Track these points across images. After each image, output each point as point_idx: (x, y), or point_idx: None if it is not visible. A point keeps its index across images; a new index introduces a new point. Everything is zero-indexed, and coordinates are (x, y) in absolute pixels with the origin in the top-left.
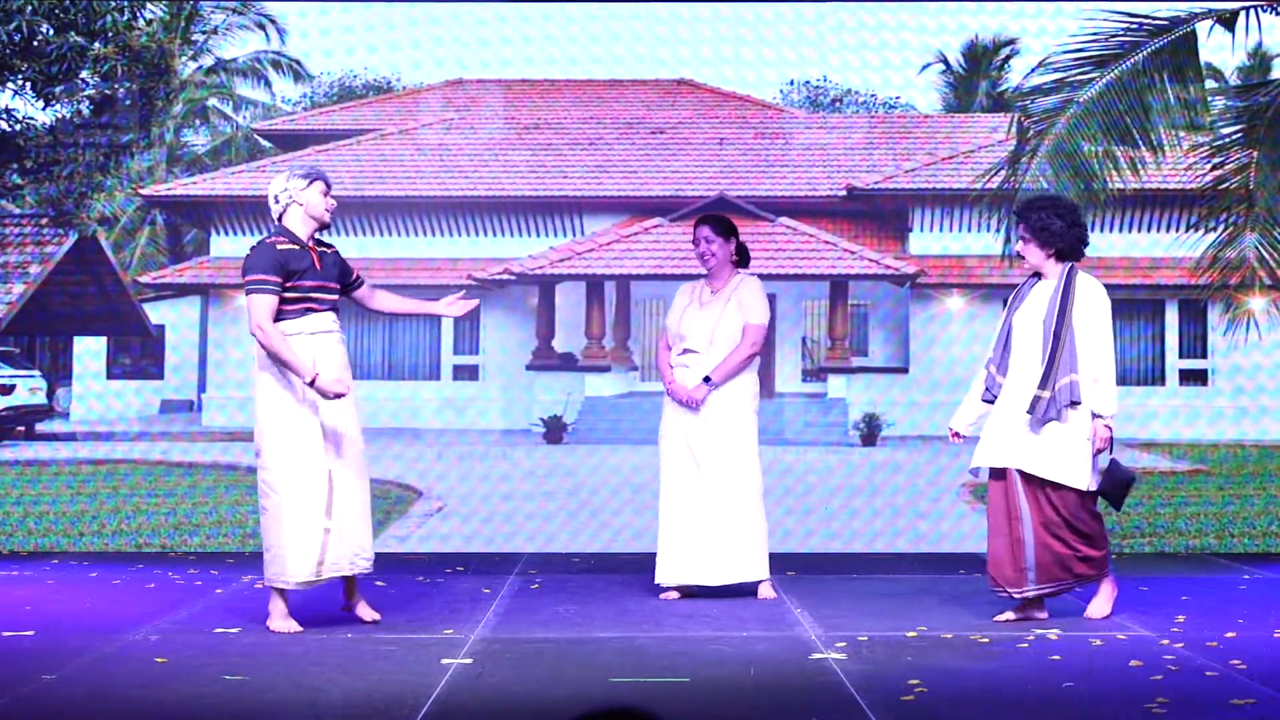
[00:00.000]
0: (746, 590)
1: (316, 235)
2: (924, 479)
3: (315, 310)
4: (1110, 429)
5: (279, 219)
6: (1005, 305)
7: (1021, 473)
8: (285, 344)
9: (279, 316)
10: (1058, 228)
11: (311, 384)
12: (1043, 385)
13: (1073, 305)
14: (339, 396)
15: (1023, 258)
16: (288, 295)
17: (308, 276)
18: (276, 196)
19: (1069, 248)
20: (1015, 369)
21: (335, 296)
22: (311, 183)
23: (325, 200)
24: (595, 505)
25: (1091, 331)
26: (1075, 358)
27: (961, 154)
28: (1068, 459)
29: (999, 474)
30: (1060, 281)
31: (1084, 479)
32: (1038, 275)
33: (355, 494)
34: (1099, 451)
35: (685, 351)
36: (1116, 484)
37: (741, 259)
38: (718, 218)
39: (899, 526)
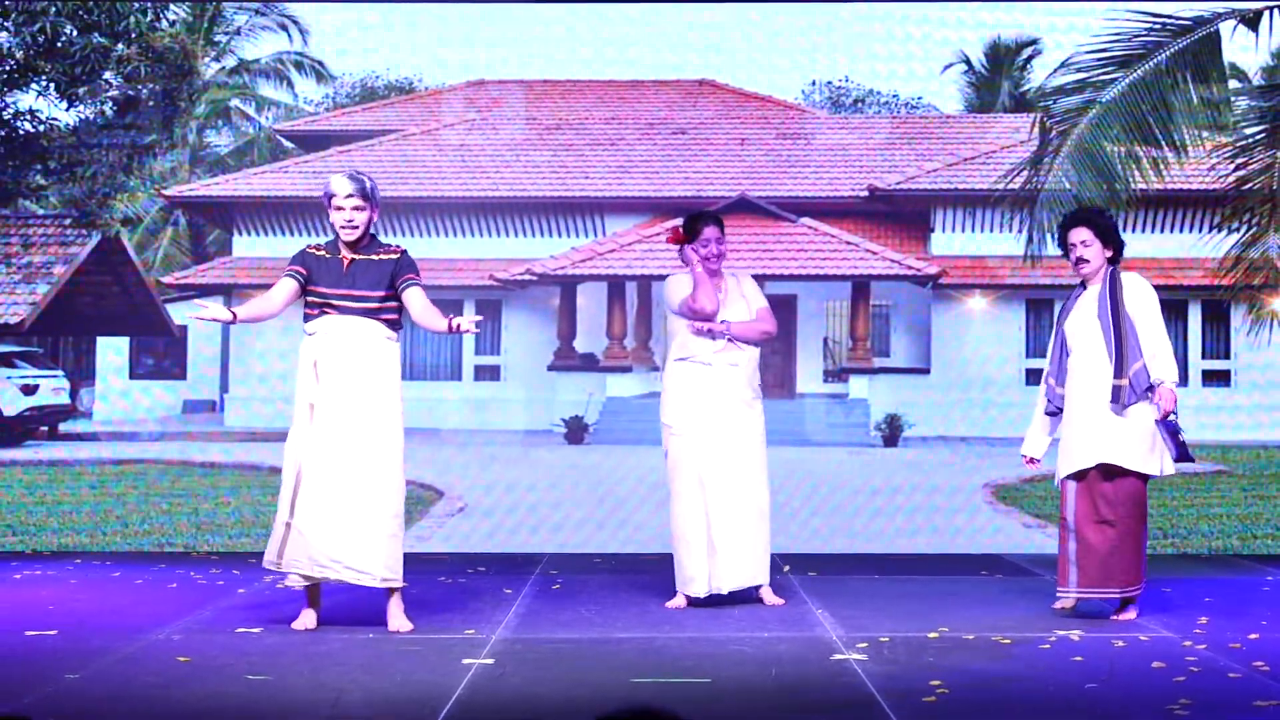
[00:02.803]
0: (754, 596)
1: (367, 240)
2: (946, 479)
3: (332, 314)
4: (1174, 394)
5: None
6: (1055, 320)
7: (1103, 468)
8: (249, 303)
9: (306, 317)
10: (1115, 227)
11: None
12: (1119, 375)
13: (1123, 297)
14: (216, 321)
15: (1084, 260)
16: (309, 297)
17: (327, 283)
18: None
19: (1119, 251)
20: (1076, 373)
21: (368, 305)
22: (328, 205)
23: (339, 217)
24: (616, 505)
25: (1144, 317)
26: (1139, 345)
27: (983, 154)
28: (1139, 444)
29: (1080, 475)
30: (1105, 282)
31: (1152, 463)
32: (1083, 285)
33: (331, 499)
34: (1169, 414)
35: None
36: (1180, 446)
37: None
38: (719, 217)
39: (920, 526)
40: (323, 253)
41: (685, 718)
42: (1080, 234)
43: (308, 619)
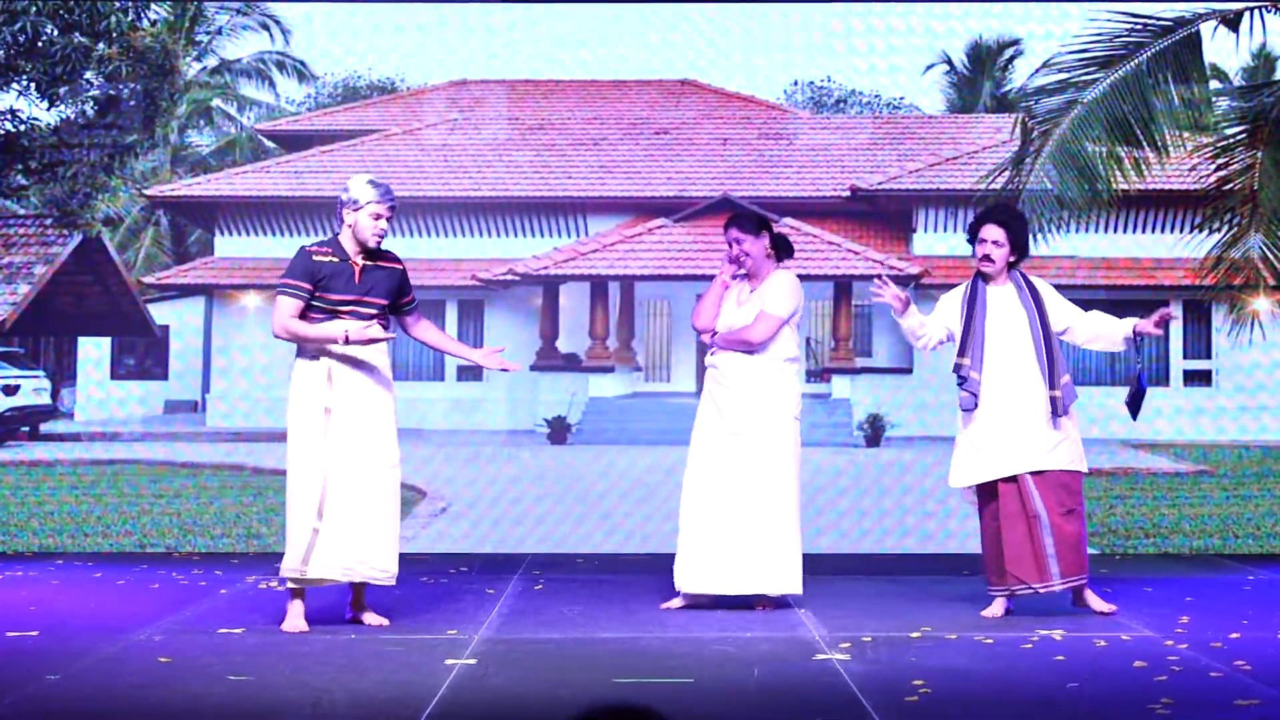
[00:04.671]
0: (746, 600)
1: (372, 248)
2: (929, 480)
3: (345, 319)
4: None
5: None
6: (965, 307)
7: (1034, 471)
8: (305, 327)
9: (308, 321)
10: (1027, 237)
11: (348, 340)
12: (1051, 386)
13: (1046, 307)
14: (373, 342)
15: (989, 259)
16: (315, 304)
17: (338, 290)
18: (341, 201)
19: (1022, 258)
20: (1000, 376)
21: (374, 312)
22: (360, 208)
23: (374, 225)
24: (600, 506)
25: (1060, 311)
26: (1063, 357)
27: (965, 155)
28: (1076, 448)
29: (1008, 480)
30: (1022, 287)
31: (1085, 463)
32: (982, 279)
33: (358, 502)
34: (1166, 319)
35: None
36: (1136, 396)
37: (781, 251)
38: (744, 214)
39: (903, 526)
40: (329, 257)
41: (668, 718)
42: (994, 233)
43: (299, 621)
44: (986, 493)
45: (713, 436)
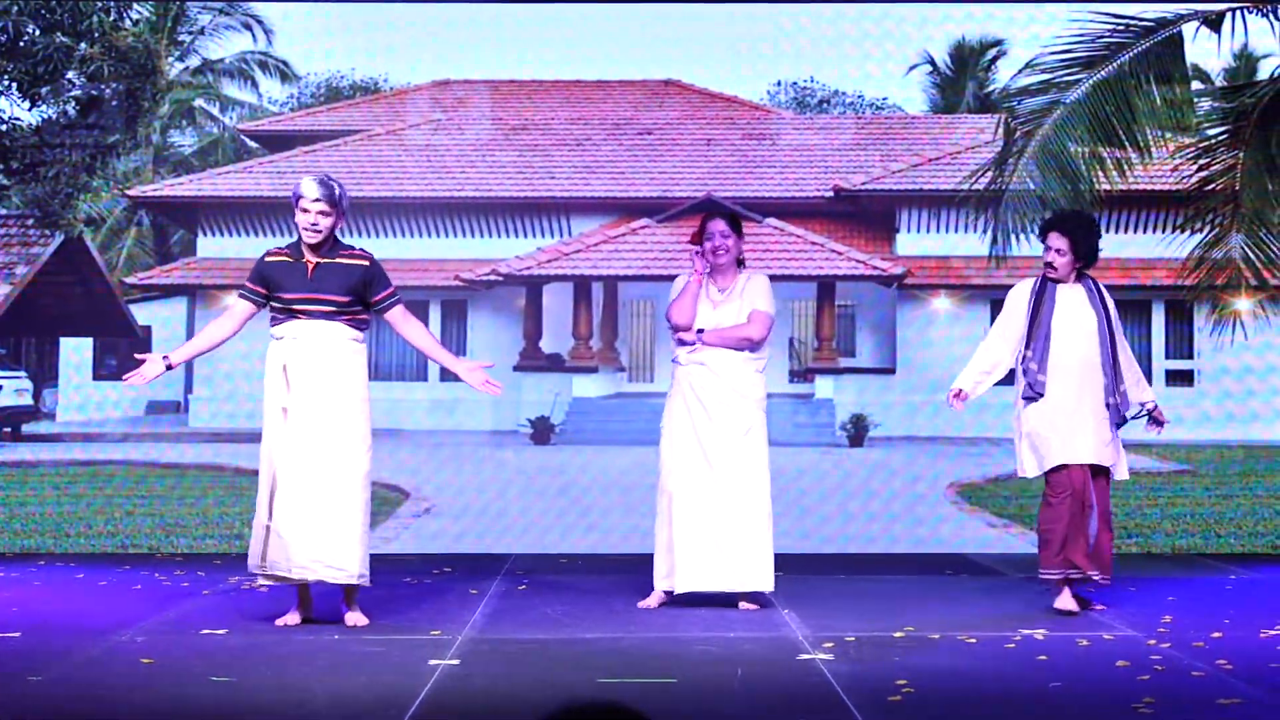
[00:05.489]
0: (728, 598)
1: (330, 243)
2: (911, 480)
3: (300, 318)
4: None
5: None
6: (1030, 303)
7: (1092, 468)
8: (200, 333)
9: (272, 321)
10: (1096, 247)
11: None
12: (1113, 394)
13: (1114, 317)
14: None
15: (1052, 266)
16: (274, 304)
17: (290, 289)
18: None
19: (1094, 262)
20: (1064, 371)
21: (330, 308)
22: (295, 207)
23: (304, 220)
24: (583, 506)
25: (1121, 338)
26: (1133, 367)
27: (948, 155)
28: (1122, 458)
29: (1071, 467)
30: (1093, 291)
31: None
32: (1051, 280)
33: (309, 501)
34: (1163, 424)
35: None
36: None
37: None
38: (731, 214)
39: (886, 527)
40: (284, 257)
41: (651, 718)
42: (1058, 241)
43: (290, 616)
44: (1051, 479)
45: (695, 433)
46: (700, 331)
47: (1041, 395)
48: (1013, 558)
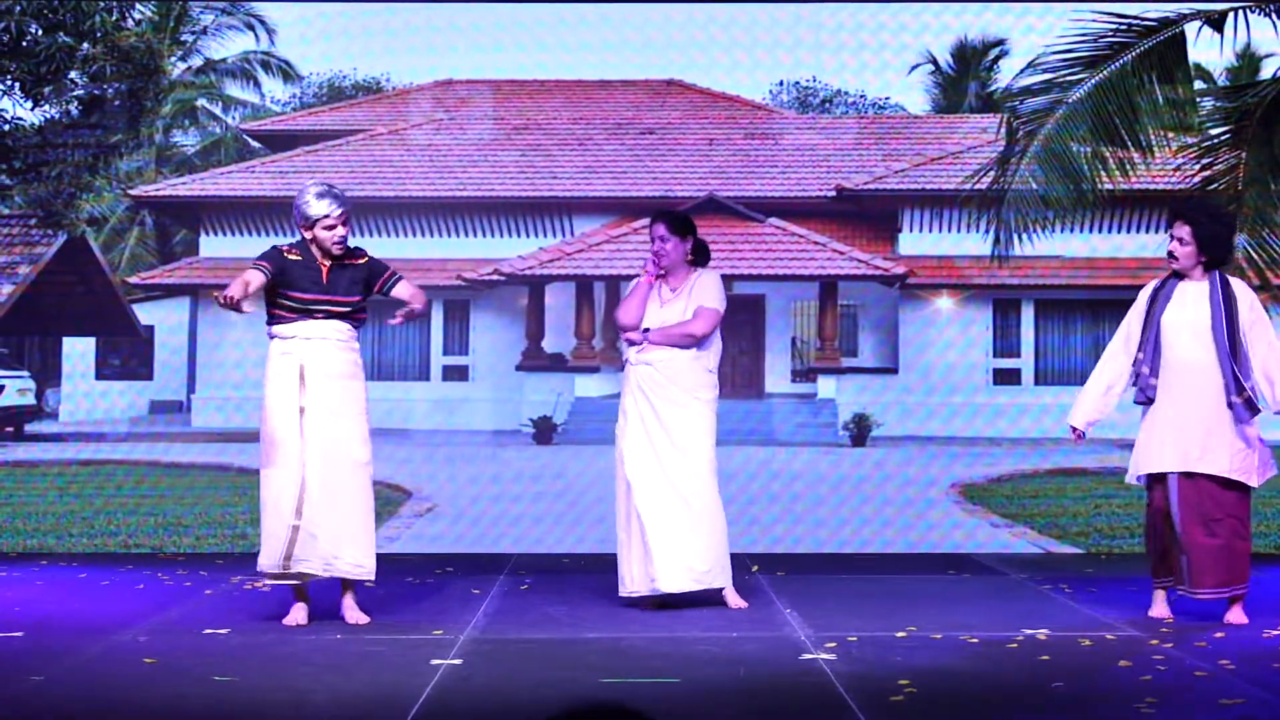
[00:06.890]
0: (714, 599)
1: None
2: (914, 480)
3: (317, 319)
4: None
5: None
6: (1148, 302)
7: (1183, 473)
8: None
9: (277, 320)
10: (1224, 239)
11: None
12: (1237, 391)
13: (1238, 311)
14: (230, 300)
15: (1173, 256)
16: (285, 302)
17: (305, 289)
18: (296, 216)
19: (1223, 257)
20: (1173, 372)
21: (348, 309)
22: (315, 223)
23: (332, 235)
24: (585, 506)
25: (1261, 335)
26: (1250, 364)
27: (951, 155)
28: (1243, 457)
29: (1162, 476)
30: (1217, 287)
31: (1256, 475)
32: (1177, 276)
33: (334, 499)
34: None
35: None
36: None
37: (699, 258)
38: (674, 215)
39: (889, 526)
40: (297, 256)
41: (653, 718)
42: (1180, 230)
43: (299, 614)
44: (1150, 486)
45: (646, 432)
46: (646, 331)
47: (1152, 400)
48: (1014, 557)
